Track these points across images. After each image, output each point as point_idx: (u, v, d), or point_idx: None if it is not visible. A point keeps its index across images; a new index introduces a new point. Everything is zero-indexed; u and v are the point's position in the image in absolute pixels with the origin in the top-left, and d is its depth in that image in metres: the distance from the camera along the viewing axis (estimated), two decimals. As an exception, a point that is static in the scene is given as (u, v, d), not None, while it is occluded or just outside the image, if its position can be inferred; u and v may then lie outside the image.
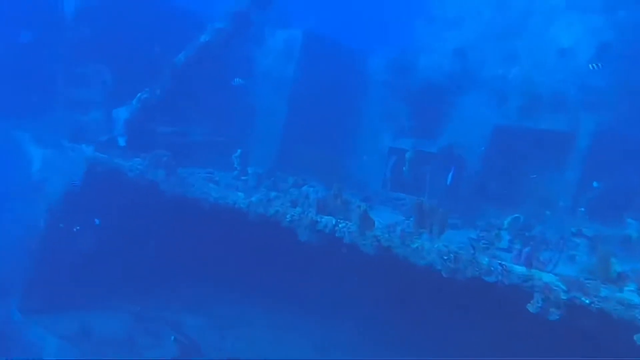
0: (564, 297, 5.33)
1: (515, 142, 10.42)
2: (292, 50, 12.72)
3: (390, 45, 14.07)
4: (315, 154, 10.61)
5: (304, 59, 12.64)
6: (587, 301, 5.17)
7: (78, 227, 10.26)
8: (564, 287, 5.35)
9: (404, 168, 10.22)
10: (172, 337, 10.03)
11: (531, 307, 5.58)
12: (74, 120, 11.13)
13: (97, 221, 10.36)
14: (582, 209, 9.16)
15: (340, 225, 7.12)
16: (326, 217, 7.22)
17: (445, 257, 6.42)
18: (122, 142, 9.91)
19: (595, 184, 9.21)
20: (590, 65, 9.09)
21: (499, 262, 5.94)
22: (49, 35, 11.65)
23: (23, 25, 11.45)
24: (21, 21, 11.59)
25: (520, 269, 5.77)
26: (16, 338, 10.95)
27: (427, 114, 11.99)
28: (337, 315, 10.79)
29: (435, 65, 12.27)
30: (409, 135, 11.50)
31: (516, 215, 7.77)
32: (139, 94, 10.30)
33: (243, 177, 9.42)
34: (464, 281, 6.31)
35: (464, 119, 11.63)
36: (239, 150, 9.61)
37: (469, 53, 11.69)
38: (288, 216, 7.35)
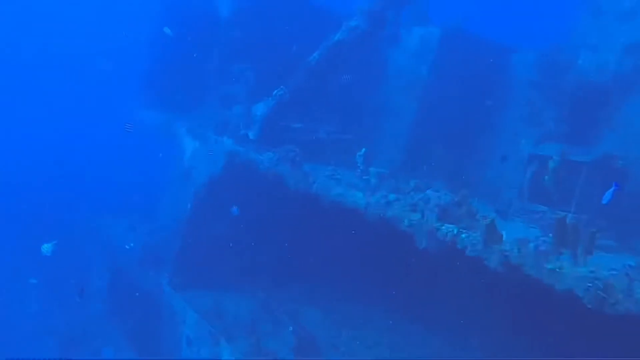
0: None
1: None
2: (427, 48, 12.20)
3: (541, 41, 12.66)
4: (443, 157, 10.03)
5: (440, 58, 12.02)
6: None
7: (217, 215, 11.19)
8: None
9: (545, 177, 9.07)
10: (290, 328, 10.38)
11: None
12: (220, 115, 12.18)
13: (235, 210, 11.18)
14: None
15: (462, 236, 6.58)
16: (448, 225, 6.73)
17: (590, 284, 5.50)
18: (252, 135, 10.53)
19: None
20: None
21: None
22: (204, 35, 12.93)
23: (180, 26, 12.85)
24: (179, 23, 13.04)
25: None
26: (166, 307, 12.46)
27: (582, 118, 10.51)
28: (458, 332, 10.09)
29: (599, 64, 10.70)
30: (556, 141, 10.19)
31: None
32: (275, 91, 10.83)
33: (365, 177, 9.31)
34: (614, 316, 5.33)
35: (631, 126, 9.93)
36: (363, 149, 9.53)
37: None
38: (406, 220, 7.02)
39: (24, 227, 18.97)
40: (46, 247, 10.22)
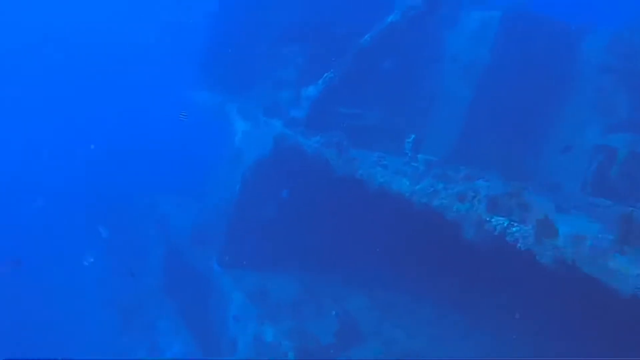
0: None
1: None
2: (487, 32, 11.54)
3: (614, 21, 11.62)
4: (498, 145, 9.51)
5: (500, 42, 11.34)
6: None
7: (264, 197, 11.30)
8: None
9: (612, 169, 8.40)
10: (334, 312, 10.38)
11: None
12: (270, 97, 12.23)
13: (284, 193, 11.27)
14: None
15: (513, 229, 6.21)
16: (498, 217, 6.37)
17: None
18: (300, 119, 10.48)
19: None
20: None
21: None
22: (256, 18, 12.98)
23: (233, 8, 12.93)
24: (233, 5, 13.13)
25: None
26: (214, 286, 12.87)
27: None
28: (505, 328, 9.66)
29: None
30: (626, 130, 9.39)
31: None
32: (325, 74, 10.69)
33: (413, 164, 9.00)
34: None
35: None
36: (412, 136, 9.19)
37: None
38: (453, 210, 6.72)
39: (87, 205, 20.24)
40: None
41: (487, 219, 6.43)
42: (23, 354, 17.61)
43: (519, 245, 6.12)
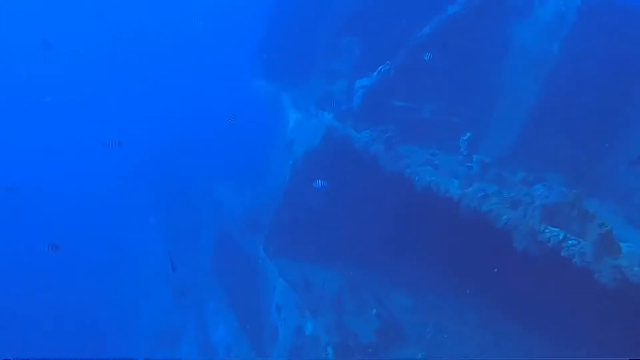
0: None
1: None
2: (562, 23, 10.62)
3: None
4: (563, 148, 8.77)
5: (577, 35, 10.40)
6: None
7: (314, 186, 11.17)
8: None
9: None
10: (374, 311, 10.17)
11: None
12: (324, 89, 12.07)
13: (321, 184, 11.06)
14: None
15: (569, 242, 5.68)
16: (552, 228, 5.85)
17: None
18: (352, 111, 10.17)
19: None
20: None
21: None
22: (314, 8, 12.82)
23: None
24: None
25: None
26: (260, 272, 13.08)
27: None
28: (560, 342, 9.01)
29: None
30: None
31: None
32: (380, 67, 10.36)
33: (467, 164, 8.53)
34: None
35: None
36: (468, 134, 8.71)
37: None
38: (504, 217, 6.26)
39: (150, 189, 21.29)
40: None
41: (541, 229, 5.91)
42: (85, 328, 19.04)
43: (574, 261, 5.59)
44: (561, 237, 5.73)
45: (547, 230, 5.89)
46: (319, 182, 9.64)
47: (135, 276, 21.43)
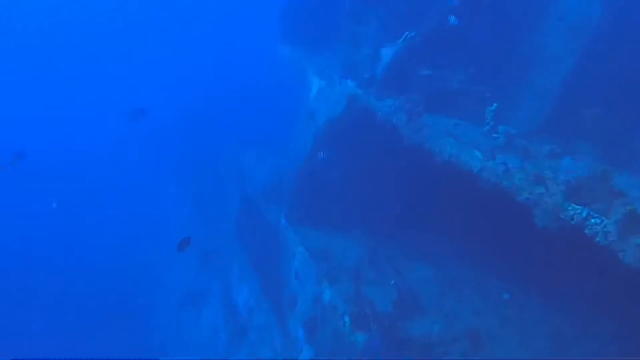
0: None
1: None
2: (605, -17, 9.87)
3: None
4: (598, 120, 8.28)
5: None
6: None
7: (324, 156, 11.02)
8: None
9: None
10: (392, 282, 10.16)
11: None
12: (348, 56, 11.73)
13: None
14: None
15: (592, 220, 5.43)
16: (575, 205, 5.60)
17: None
18: (376, 79, 9.87)
19: None
20: None
21: None
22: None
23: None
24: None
25: None
26: (281, 239, 13.22)
27: None
28: (584, 318, 8.81)
29: None
30: None
31: None
32: (406, 33, 9.95)
33: (494, 135, 8.20)
34: None
35: None
36: (494, 104, 8.32)
37: None
38: (525, 193, 6.02)
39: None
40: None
41: (564, 207, 5.67)
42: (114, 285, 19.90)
43: (597, 239, 5.36)
44: (584, 214, 5.49)
45: (570, 208, 5.64)
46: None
47: (163, 238, 22.14)
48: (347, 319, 9.65)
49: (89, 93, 27.79)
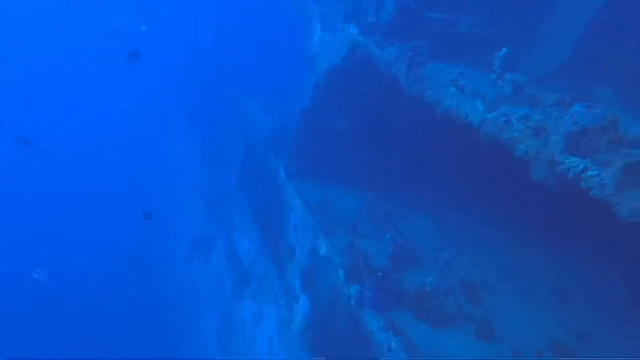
0: None
1: None
2: None
3: None
4: (625, 61, 7.57)
5: None
6: None
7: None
8: None
9: None
10: (388, 235, 9.99)
11: None
12: (351, 0, 11.05)
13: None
14: None
15: (590, 173, 5.07)
16: (572, 158, 5.23)
17: None
18: (379, 19, 9.15)
19: None
20: None
21: None
22: None
23: None
24: None
25: None
26: (281, 192, 13.06)
27: None
28: (587, 267, 8.60)
29: None
30: None
31: None
32: (414, -27, 9.22)
33: (500, 83, 7.67)
34: None
35: None
36: (504, 49, 7.68)
37: None
38: (523, 146, 5.65)
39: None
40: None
41: (561, 159, 5.30)
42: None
43: (592, 192, 5.02)
44: (581, 167, 5.13)
45: (566, 161, 5.27)
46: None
47: (171, 187, 22.33)
48: (341, 271, 9.59)
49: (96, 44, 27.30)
